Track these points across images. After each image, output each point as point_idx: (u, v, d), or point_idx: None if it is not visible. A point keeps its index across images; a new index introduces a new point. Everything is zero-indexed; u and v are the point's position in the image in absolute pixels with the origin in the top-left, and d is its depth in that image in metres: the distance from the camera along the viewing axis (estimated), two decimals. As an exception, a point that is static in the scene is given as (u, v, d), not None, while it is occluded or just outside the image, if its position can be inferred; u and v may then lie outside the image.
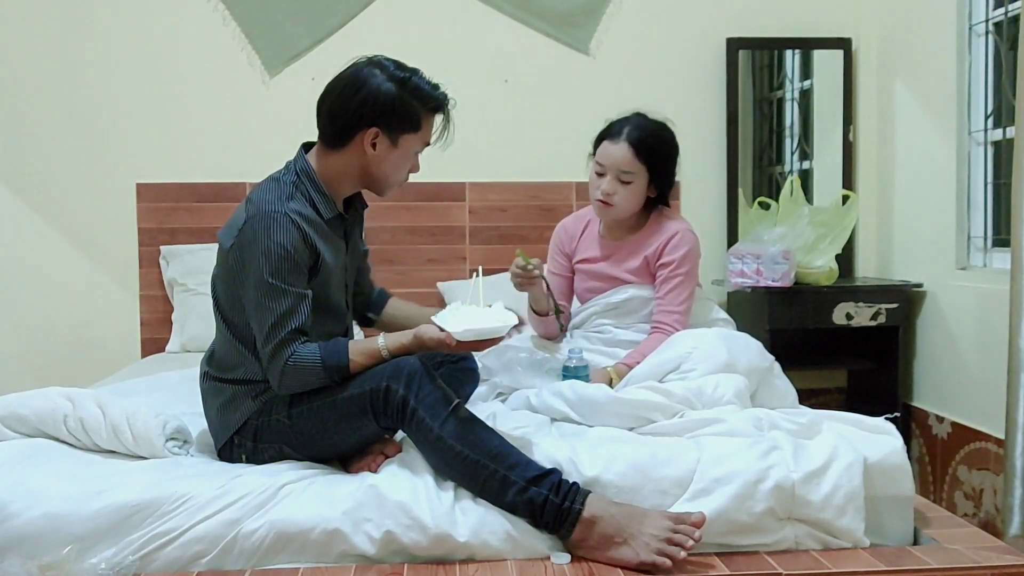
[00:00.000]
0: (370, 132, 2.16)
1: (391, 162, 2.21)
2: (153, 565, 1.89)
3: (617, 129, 2.67)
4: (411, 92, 2.16)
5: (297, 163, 2.22)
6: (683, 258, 2.68)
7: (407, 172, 2.27)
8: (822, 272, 3.70)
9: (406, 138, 2.19)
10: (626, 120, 2.69)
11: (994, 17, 3.37)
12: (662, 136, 2.69)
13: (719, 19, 4.04)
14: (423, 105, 2.19)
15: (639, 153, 2.63)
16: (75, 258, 3.95)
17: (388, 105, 2.14)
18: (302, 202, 2.15)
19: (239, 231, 2.11)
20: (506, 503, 1.95)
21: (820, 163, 4.12)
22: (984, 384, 3.25)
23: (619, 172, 2.64)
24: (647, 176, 2.66)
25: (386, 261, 3.94)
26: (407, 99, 2.16)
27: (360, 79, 2.16)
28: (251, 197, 2.16)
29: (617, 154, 2.64)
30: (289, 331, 2.05)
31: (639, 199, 2.70)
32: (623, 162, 2.64)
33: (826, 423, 2.24)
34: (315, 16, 3.93)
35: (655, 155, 2.65)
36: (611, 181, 2.65)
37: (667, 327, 2.65)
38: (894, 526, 2.09)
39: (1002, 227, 3.35)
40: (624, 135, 2.65)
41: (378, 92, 2.14)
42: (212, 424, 2.24)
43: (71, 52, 3.90)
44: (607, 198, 2.66)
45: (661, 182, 2.70)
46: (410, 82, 2.17)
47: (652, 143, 2.65)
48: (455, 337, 2.05)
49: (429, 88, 2.19)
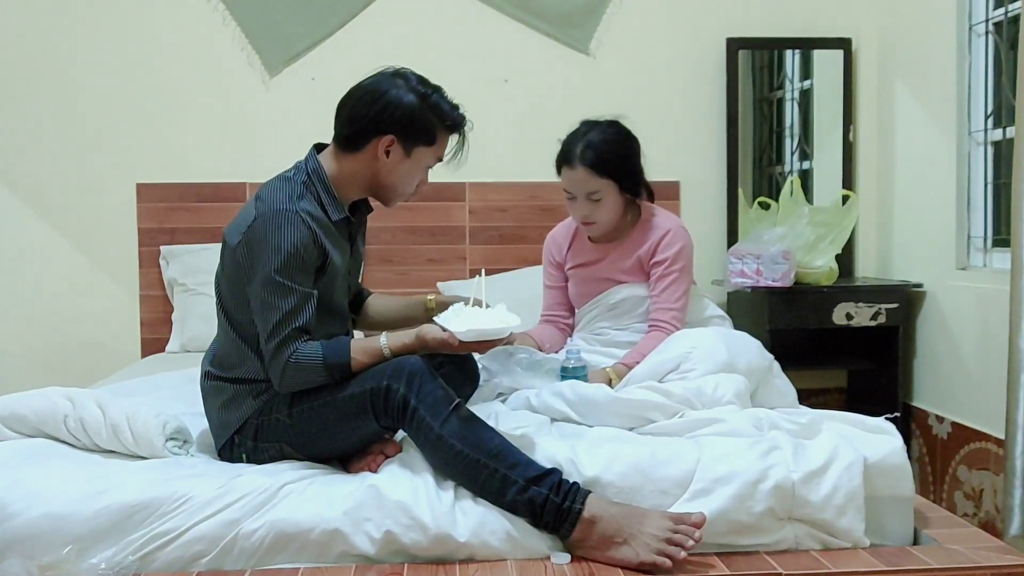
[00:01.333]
0: (385, 139, 2.18)
1: (401, 172, 2.22)
2: (153, 565, 1.89)
3: (571, 153, 2.64)
4: (431, 107, 2.19)
5: (308, 163, 2.22)
6: (676, 255, 2.68)
7: (415, 185, 2.28)
8: (822, 272, 3.70)
9: (420, 151, 2.21)
10: (575, 138, 2.66)
11: (994, 17, 3.37)
12: (614, 143, 2.67)
13: (719, 19, 4.04)
14: (441, 122, 2.21)
15: (599, 171, 2.63)
16: (75, 258, 3.95)
17: (407, 115, 2.17)
18: (312, 202, 2.15)
19: (248, 228, 2.11)
20: (506, 503, 1.95)
21: (820, 163, 4.12)
22: (984, 384, 3.25)
23: (586, 195, 2.65)
24: (615, 187, 2.66)
25: (386, 261, 3.95)
26: (426, 113, 2.18)
27: (383, 87, 2.19)
28: (260, 195, 2.16)
29: (578, 180, 2.64)
30: (293, 329, 2.06)
31: (617, 209, 2.71)
32: (586, 185, 2.64)
33: (826, 423, 2.24)
34: (315, 16, 3.93)
35: (614, 166, 2.64)
36: (583, 204, 2.66)
37: (664, 324, 2.65)
38: (894, 526, 2.09)
39: (1002, 227, 3.35)
40: (578, 158, 2.63)
41: (400, 102, 2.17)
42: (213, 423, 2.24)
43: (71, 52, 3.90)
44: (586, 219, 2.68)
45: (630, 184, 2.69)
46: (431, 98, 2.20)
47: (607, 156, 2.64)
48: (459, 337, 2.05)
49: (449, 107, 2.23)
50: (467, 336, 2.06)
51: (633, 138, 2.71)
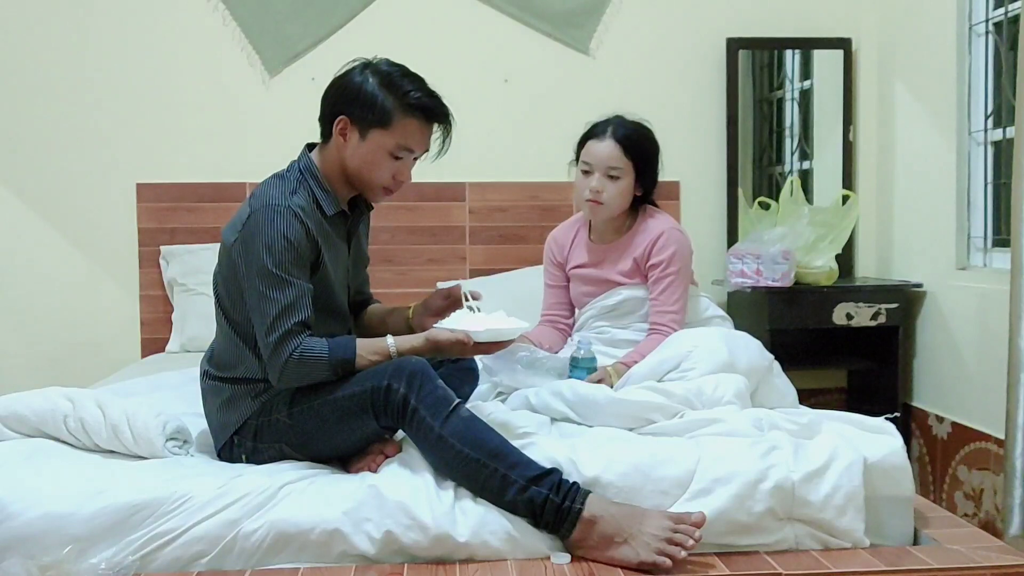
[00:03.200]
0: (340, 120, 2.17)
1: (362, 156, 2.18)
2: (153, 565, 1.89)
3: (601, 129, 2.70)
4: (390, 87, 2.14)
5: (300, 161, 2.23)
6: (671, 257, 2.68)
7: (388, 175, 2.20)
8: (822, 272, 3.70)
9: (376, 133, 2.15)
10: (608, 121, 2.72)
11: (994, 17, 3.37)
12: (646, 134, 2.73)
13: (719, 19, 4.04)
14: (398, 101, 2.13)
15: (626, 149, 2.66)
16: (75, 258, 3.95)
17: (353, 93, 2.14)
18: (305, 198, 2.16)
19: (243, 225, 2.11)
20: (506, 503, 1.95)
21: (820, 163, 4.12)
22: (984, 384, 3.25)
23: (607, 169, 2.66)
24: (634, 173, 2.69)
25: (386, 261, 3.94)
26: (379, 91, 2.13)
27: (347, 74, 2.19)
28: (255, 193, 2.17)
29: (604, 151, 2.66)
30: (295, 323, 2.05)
31: (627, 196, 2.72)
32: (610, 158, 2.66)
33: (826, 423, 2.25)
34: (315, 16, 3.93)
35: (641, 151, 2.69)
36: (599, 179, 2.67)
37: (664, 327, 2.66)
38: (894, 526, 2.09)
39: (1002, 227, 3.35)
40: (609, 133, 2.68)
41: (349, 83, 2.16)
42: (212, 424, 2.24)
43: (71, 52, 3.90)
44: (597, 196, 2.68)
45: (646, 180, 2.72)
46: (394, 79, 2.15)
47: (637, 139, 2.69)
48: (475, 338, 2.05)
49: (413, 88, 2.15)
50: (483, 336, 2.06)
51: (658, 144, 2.76)
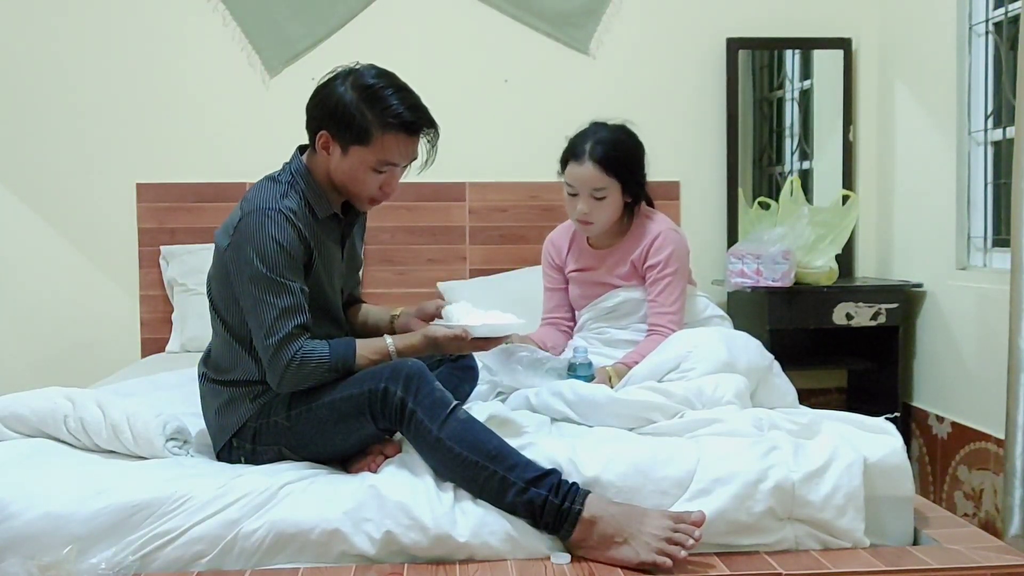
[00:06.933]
0: (321, 135, 2.14)
1: (344, 171, 2.14)
2: (153, 565, 1.89)
3: (580, 149, 2.64)
4: (369, 103, 2.08)
5: (292, 163, 2.22)
6: (668, 259, 2.68)
7: (374, 187, 2.17)
8: (822, 272, 3.70)
9: (356, 150, 2.11)
10: (585, 136, 2.67)
11: (994, 17, 3.37)
12: (624, 144, 2.68)
13: (719, 19, 4.04)
14: (378, 119, 2.08)
15: (607, 169, 2.62)
16: (75, 258, 3.95)
17: (332, 110, 2.10)
18: (297, 200, 2.14)
19: (235, 229, 2.10)
20: (506, 504, 1.95)
21: (820, 163, 4.12)
22: (984, 384, 3.25)
23: (591, 191, 2.64)
24: (619, 187, 2.66)
25: (386, 261, 3.94)
26: (358, 109, 2.07)
27: (330, 83, 2.14)
28: (247, 196, 2.16)
29: (585, 175, 2.63)
30: (294, 326, 2.05)
31: (617, 210, 2.70)
32: (592, 181, 2.63)
33: (826, 423, 2.24)
34: (315, 16, 3.93)
35: (621, 165, 2.64)
36: (585, 201, 2.65)
37: (662, 328, 2.66)
38: (894, 526, 2.09)
39: (1002, 227, 3.35)
40: (587, 154, 2.63)
41: (329, 96, 2.11)
42: (210, 426, 2.24)
43: (71, 52, 3.90)
44: (585, 218, 2.67)
45: (634, 187, 2.69)
46: (374, 93, 2.08)
47: (616, 155, 2.64)
48: (472, 332, 2.05)
49: (395, 104, 2.08)
50: (480, 331, 2.05)
51: (640, 144, 2.72)
